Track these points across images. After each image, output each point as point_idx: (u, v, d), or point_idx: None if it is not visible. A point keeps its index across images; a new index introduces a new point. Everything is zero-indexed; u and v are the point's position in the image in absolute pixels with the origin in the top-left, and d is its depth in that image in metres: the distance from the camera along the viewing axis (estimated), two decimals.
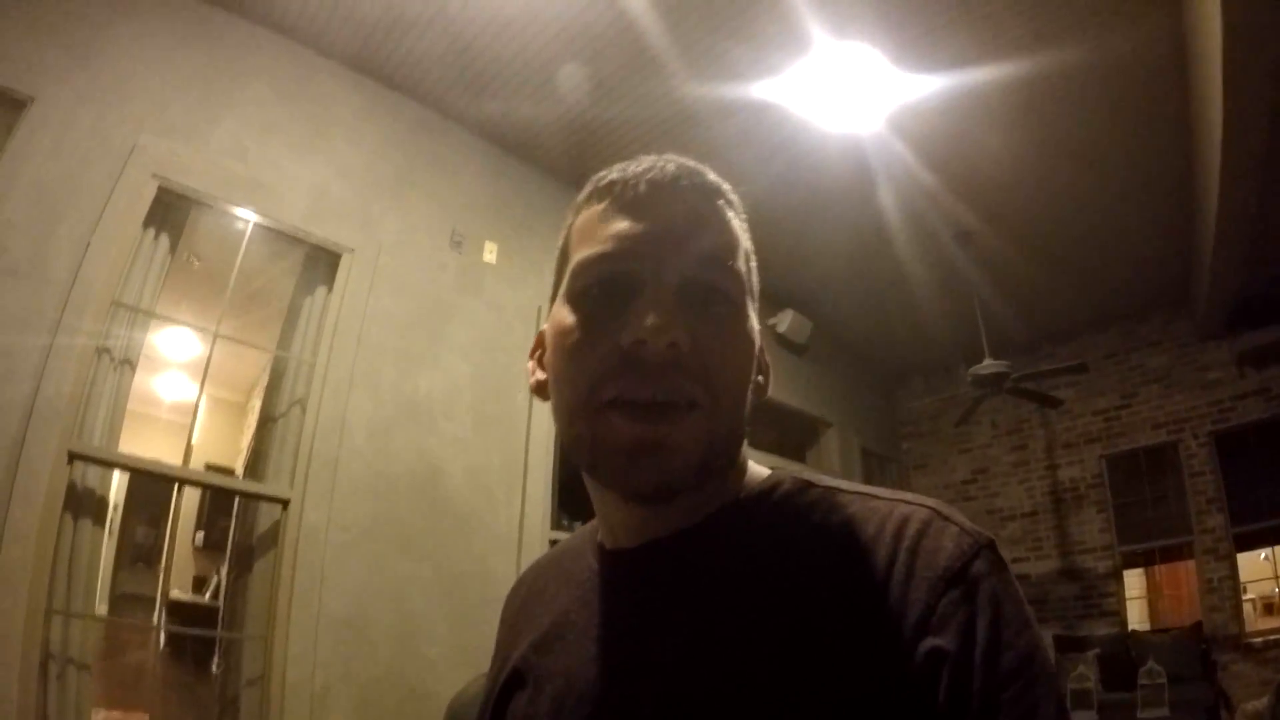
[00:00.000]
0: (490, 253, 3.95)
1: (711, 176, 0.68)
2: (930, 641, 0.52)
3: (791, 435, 6.10)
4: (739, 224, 0.69)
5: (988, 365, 5.07)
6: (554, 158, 4.27)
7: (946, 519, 0.59)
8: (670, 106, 3.83)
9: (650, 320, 0.59)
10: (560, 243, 0.71)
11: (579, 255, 0.66)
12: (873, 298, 5.87)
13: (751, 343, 0.66)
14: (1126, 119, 4.01)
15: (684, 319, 0.60)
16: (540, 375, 0.72)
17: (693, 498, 0.64)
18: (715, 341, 0.62)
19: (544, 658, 0.70)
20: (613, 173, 0.68)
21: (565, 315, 0.65)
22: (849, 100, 3.80)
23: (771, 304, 5.57)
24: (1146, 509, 6.00)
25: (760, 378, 0.69)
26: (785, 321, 5.58)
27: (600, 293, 0.63)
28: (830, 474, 5.82)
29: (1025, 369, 5.33)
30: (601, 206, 0.66)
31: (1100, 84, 3.74)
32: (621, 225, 0.64)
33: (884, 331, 6.49)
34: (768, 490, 0.68)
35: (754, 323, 0.67)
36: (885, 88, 3.73)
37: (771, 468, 0.72)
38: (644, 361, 0.59)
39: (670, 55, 3.51)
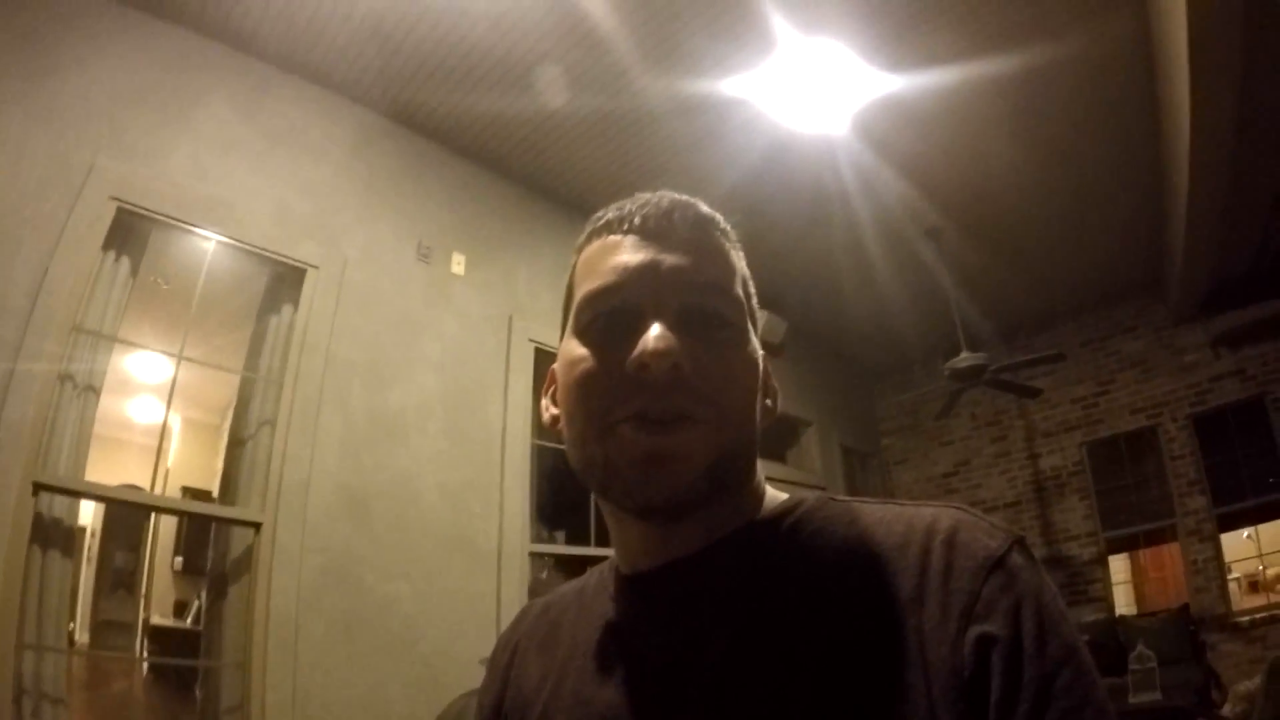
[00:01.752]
0: (458, 264, 3.90)
1: (704, 209, 0.71)
2: (978, 629, 0.53)
3: (771, 436, 6.06)
4: (734, 252, 0.72)
5: (965, 358, 5.08)
6: (520, 165, 4.23)
7: (977, 517, 0.61)
8: (637, 107, 3.81)
9: (652, 344, 0.60)
10: (566, 282, 0.74)
11: (582, 290, 0.68)
12: (846, 295, 5.85)
13: (754, 364, 0.68)
14: (1096, 109, 4.04)
15: (685, 343, 0.62)
16: (554, 410, 0.73)
17: (708, 518, 0.65)
18: (717, 363, 0.63)
19: (560, 684, 0.70)
20: (609, 212, 0.71)
21: (574, 348, 0.66)
22: (817, 97, 3.79)
23: None
24: (1129, 494, 6.04)
25: (769, 401, 0.72)
26: (759, 322, 5.56)
27: (606, 323, 0.65)
28: (811, 473, 5.84)
29: (1002, 360, 5.35)
30: (601, 243, 0.69)
31: (1069, 76, 3.76)
32: (620, 259, 0.66)
33: (859, 328, 6.49)
34: (790, 508, 0.69)
35: (756, 345, 0.69)
36: (854, 84, 3.73)
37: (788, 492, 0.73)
38: (650, 383, 0.60)
39: (636, 55, 3.50)
